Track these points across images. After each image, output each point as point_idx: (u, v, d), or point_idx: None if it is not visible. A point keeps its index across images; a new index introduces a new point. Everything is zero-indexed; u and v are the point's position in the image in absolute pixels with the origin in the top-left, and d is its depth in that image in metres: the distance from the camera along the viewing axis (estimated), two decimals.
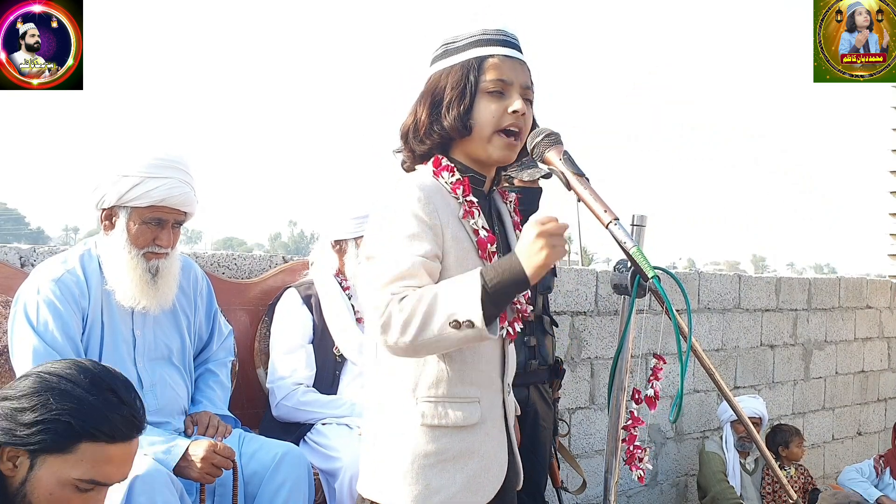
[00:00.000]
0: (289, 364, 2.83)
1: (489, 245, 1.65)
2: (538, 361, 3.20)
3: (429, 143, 1.70)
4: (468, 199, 1.67)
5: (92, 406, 1.51)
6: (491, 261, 1.64)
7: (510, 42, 1.71)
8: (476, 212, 1.67)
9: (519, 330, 1.72)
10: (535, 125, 1.72)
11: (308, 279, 3.01)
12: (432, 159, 1.71)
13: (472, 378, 1.65)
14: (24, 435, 1.49)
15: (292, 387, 2.80)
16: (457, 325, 1.49)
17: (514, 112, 1.66)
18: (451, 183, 1.67)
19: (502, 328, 1.67)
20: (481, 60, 1.66)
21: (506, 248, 1.77)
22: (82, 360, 1.69)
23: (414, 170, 1.76)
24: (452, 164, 1.69)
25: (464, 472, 1.63)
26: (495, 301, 1.51)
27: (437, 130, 1.68)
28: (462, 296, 1.50)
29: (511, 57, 1.68)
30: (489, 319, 1.50)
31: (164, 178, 2.34)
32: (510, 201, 1.84)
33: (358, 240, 2.90)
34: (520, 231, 1.79)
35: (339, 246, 2.96)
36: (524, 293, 1.74)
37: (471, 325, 1.49)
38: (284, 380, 2.81)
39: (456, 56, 1.69)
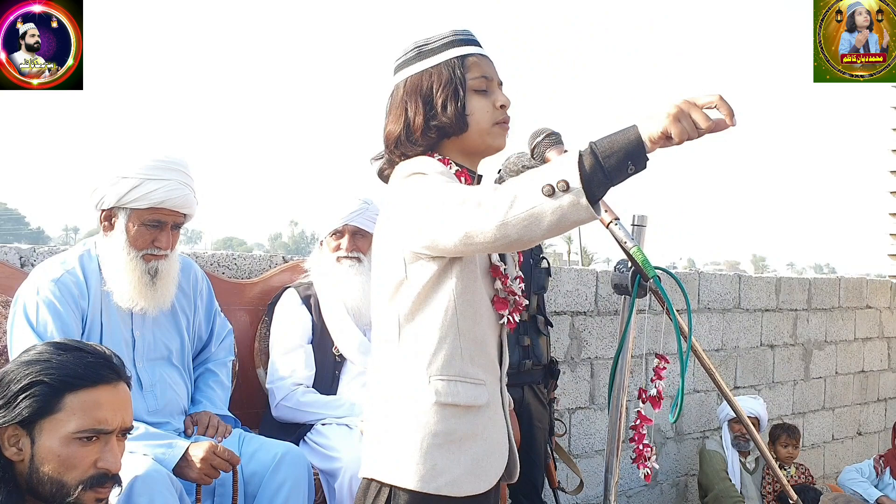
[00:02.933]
0: (288, 364, 2.83)
1: None
2: (532, 361, 3.21)
3: (424, 144, 1.71)
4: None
5: (61, 361, 1.59)
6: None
7: (479, 42, 1.75)
8: None
9: (518, 320, 1.73)
10: None
11: (308, 280, 3.01)
12: (422, 156, 1.72)
13: (481, 361, 1.67)
14: (12, 411, 1.56)
15: (292, 387, 2.80)
16: (550, 189, 1.34)
17: (503, 106, 1.69)
18: (452, 173, 1.69)
19: (502, 317, 1.69)
20: (462, 59, 1.69)
21: None
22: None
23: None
24: (447, 158, 1.71)
25: (468, 455, 1.64)
26: (600, 164, 1.35)
27: (435, 127, 1.69)
28: (559, 162, 1.38)
29: (485, 55, 1.73)
30: (592, 190, 1.35)
31: (163, 180, 2.34)
32: None
33: (333, 235, 2.91)
34: None
35: (321, 245, 2.98)
36: (519, 277, 1.74)
37: (565, 186, 1.34)
38: (284, 380, 2.81)
39: (432, 57, 1.70)
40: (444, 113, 1.67)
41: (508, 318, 1.70)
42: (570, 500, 3.97)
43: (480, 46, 1.73)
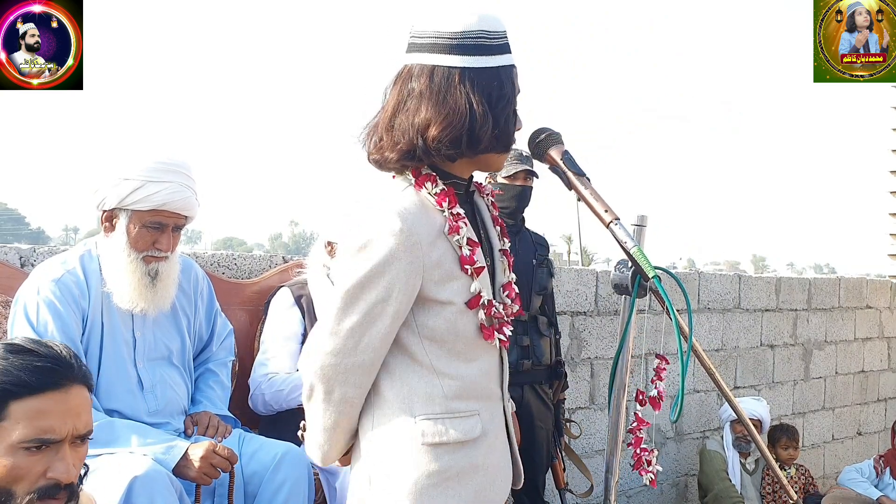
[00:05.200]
0: (269, 362, 2.82)
1: (471, 264, 1.55)
2: (532, 361, 3.20)
3: (477, 150, 1.55)
4: (454, 211, 1.56)
5: (5, 367, 1.50)
6: (476, 277, 1.56)
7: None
8: (462, 225, 1.57)
9: (510, 333, 1.66)
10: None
11: (302, 279, 3.00)
12: (409, 171, 1.58)
13: (470, 393, 1.59)
14: None
15: (262, 378, 2.77)
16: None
17: (519, 129, 1.62)
18: (435, 194, 1.55)
19: (492, 342, 1.61)
20: (513, 69, 1.58)
21: (488, 244, 1.69)
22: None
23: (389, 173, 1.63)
24: (434, 174, 1.57)
25: (469, 489, 1.57)
26: None
27: (497, 136, 1.55)
28: None
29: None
30: None
31: (165, 183, 2.34)
32: (487, 194, 1.75)
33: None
34: (499, 226, 1.73)
35: (331, 247, 2.95)
36: (508, 291, 1.69)
37: None
38: (256, 373, 2.80)
39: (493, 57, 1.54)
40: (506, 126, 1.55)
41: (500, 338, 1.62)
42: (574, 500, 3.97)
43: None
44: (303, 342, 2.87)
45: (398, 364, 1.57)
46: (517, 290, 1.70)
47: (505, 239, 1.72)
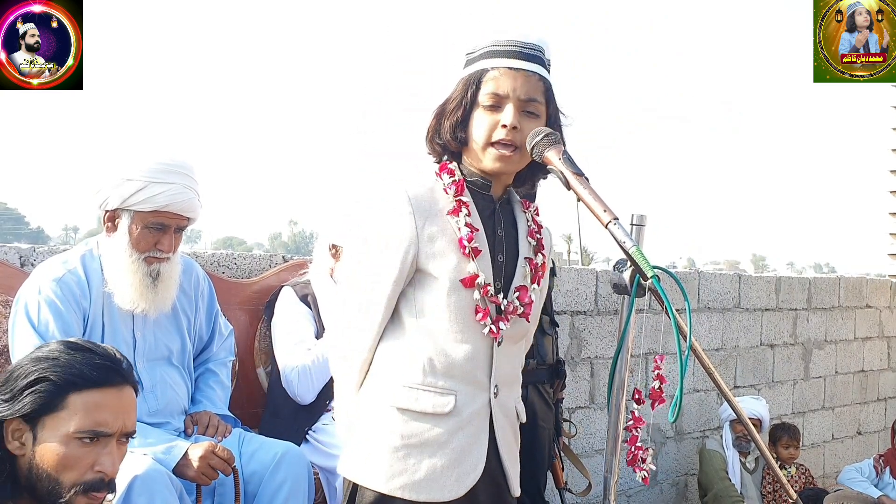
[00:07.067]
0: (297, 354, 2.82)
1: (468, 243, 1.68)
2: (536, 361, 3.20)
3: (437, 150, 1.78)
4: (459, 198, 1.70)
5: (68, 360, 1.61)
6: (474, 257, 1.68)
7: (522, 53, 1.68)
8: (464, 210, 1.70)
9: (505, 329, 1.71)
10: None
11: (304, 279, 3.00)
12: (440, 163, 1.77)
13: (452, 372, 1.68)
14: (16, 405, 1.58)
15: (307, 363, 2.75)
16: None
17: (504, 126, 1.66)
18: (447, 183, 1.72)
19: (485, 325, 1.69)
20: (481, 73, 1.69)
21: (513, 252, 1.78)
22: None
23: None
24: (455, 168, 1.75)
25: (429, 462, 1.66)
26: None
27: (437, 140, 1.76)
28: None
29: (515, 69, 1.67)
30: None
31: (168, 184, 2.34)
32: (531, 210, 1.85)
33: (331, 249, 2.92)
34: (533, 239, 1.81)
35: (336, 250, 2.95)
36: (520, 294, 1.75)
37: None
38: (289, 365, 2.79)
39: (470, 67, 1.73)
40: (444, 126, 1.73)
41: (491, 328, 1.69)
42: (573, 499, 3.97)
43: (523, 58, 1.68)
44: (317, 336, 2.87)
45: (391, 332, 1.71)
46: (532, 299, 1.77)
47: (540, 254, 1.82)
